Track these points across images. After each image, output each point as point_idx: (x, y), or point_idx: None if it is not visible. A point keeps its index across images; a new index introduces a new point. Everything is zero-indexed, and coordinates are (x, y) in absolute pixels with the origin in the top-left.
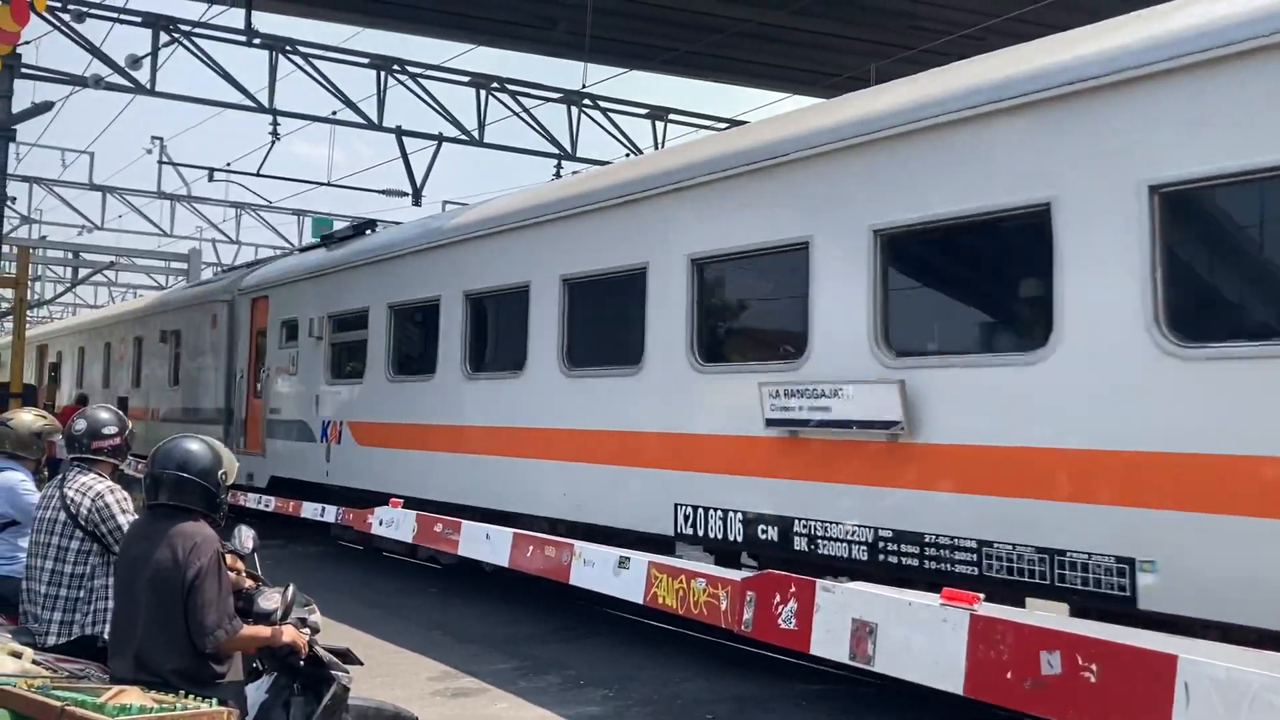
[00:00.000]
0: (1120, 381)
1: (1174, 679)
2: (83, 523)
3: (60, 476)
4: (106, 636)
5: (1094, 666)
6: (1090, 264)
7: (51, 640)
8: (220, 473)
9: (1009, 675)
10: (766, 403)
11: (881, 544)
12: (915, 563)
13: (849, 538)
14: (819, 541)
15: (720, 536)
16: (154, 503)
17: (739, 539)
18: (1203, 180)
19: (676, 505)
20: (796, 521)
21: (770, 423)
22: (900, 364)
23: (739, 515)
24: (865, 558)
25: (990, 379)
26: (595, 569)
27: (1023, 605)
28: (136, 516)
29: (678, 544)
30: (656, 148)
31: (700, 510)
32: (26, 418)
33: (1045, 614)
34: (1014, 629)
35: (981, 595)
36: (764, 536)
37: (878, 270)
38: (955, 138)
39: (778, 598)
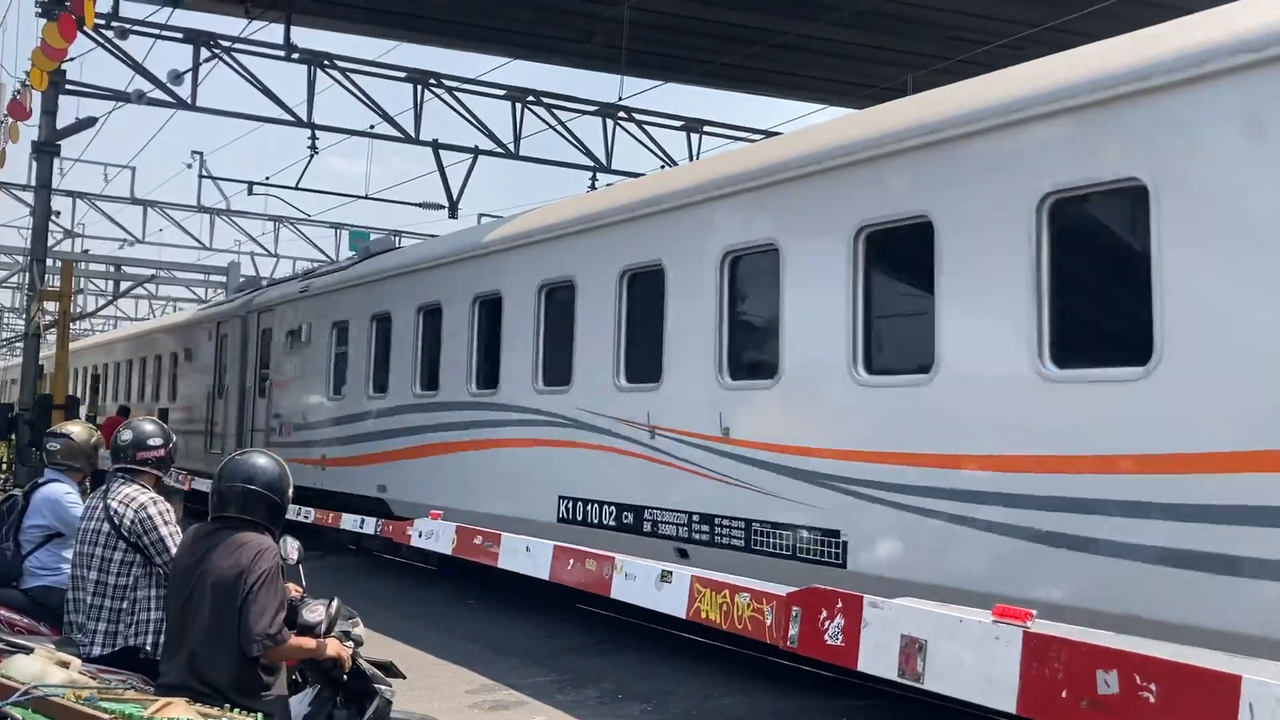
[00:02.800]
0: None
1: (1238, 699)
2: (126, 534)
3: (104, 487)
4: (149, 648)
5: (1153, 686)
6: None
7: (96, 650)
8: (288, 489)
9: (1064, 694)
10: None
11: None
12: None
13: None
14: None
15: None
16: (220, 515)
17: None
18: None
19: None
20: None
21: None
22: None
23: None
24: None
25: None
26: (637, 583)
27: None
28: (179, 529)
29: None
30: (691, 159)
31: None
32: (81, 431)
33: (1102, 632)
34: (1069, 647)
35: (1034, 612)
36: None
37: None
38: None
39: (824, 613)
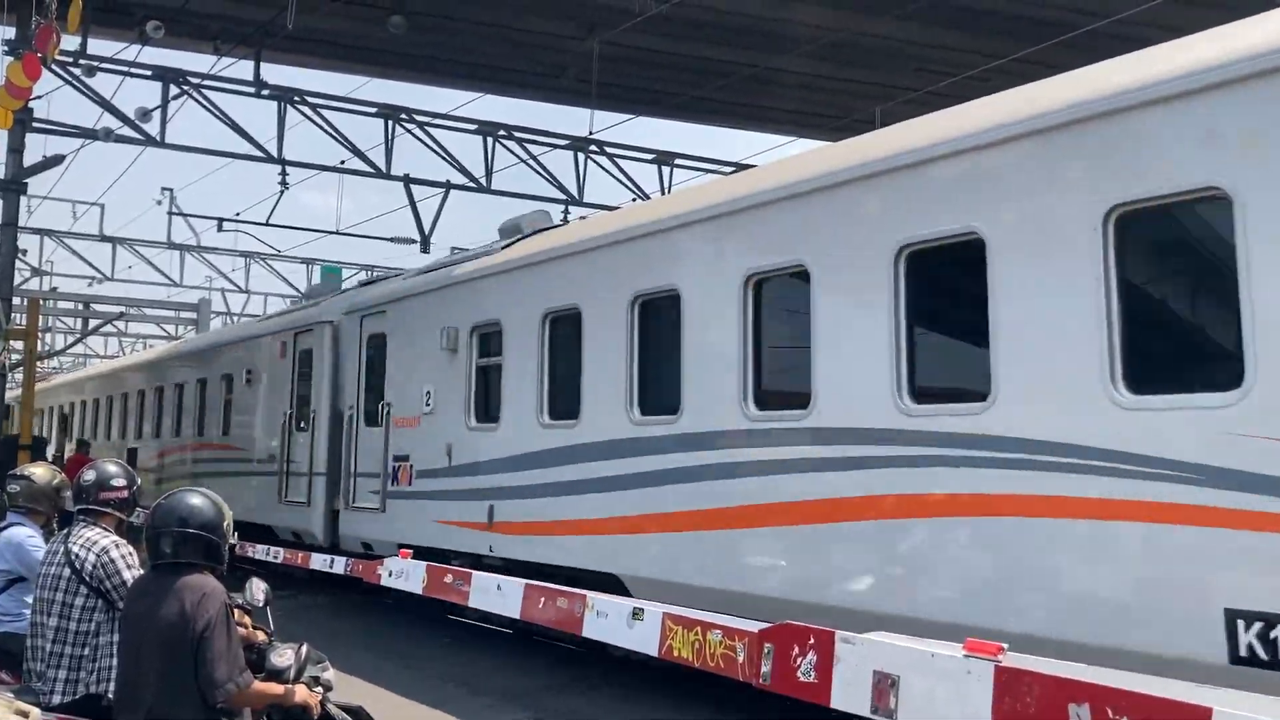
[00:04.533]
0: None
1: None
2: (87, 579)
3: (65, 531)
4: (111, 695)
5: (1125, 719)
6: None
7: (56, 699)
8: (224, 525)
9: None
10: None
11: None
12: None
13: None
14: None
15: None
16: (158, 561)
17: None
18: None
19: None
20: None
21: None
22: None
23: None
24: None
25: None
26: (609, 620)
27: None
28: (143, 572)
29: None
30: (663, 192)
31: None
32: (43, 472)
33: (1073, 664)
34: (1040, 680)
35: (1005, 645)
36: None
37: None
38: None
39: (796, 650)
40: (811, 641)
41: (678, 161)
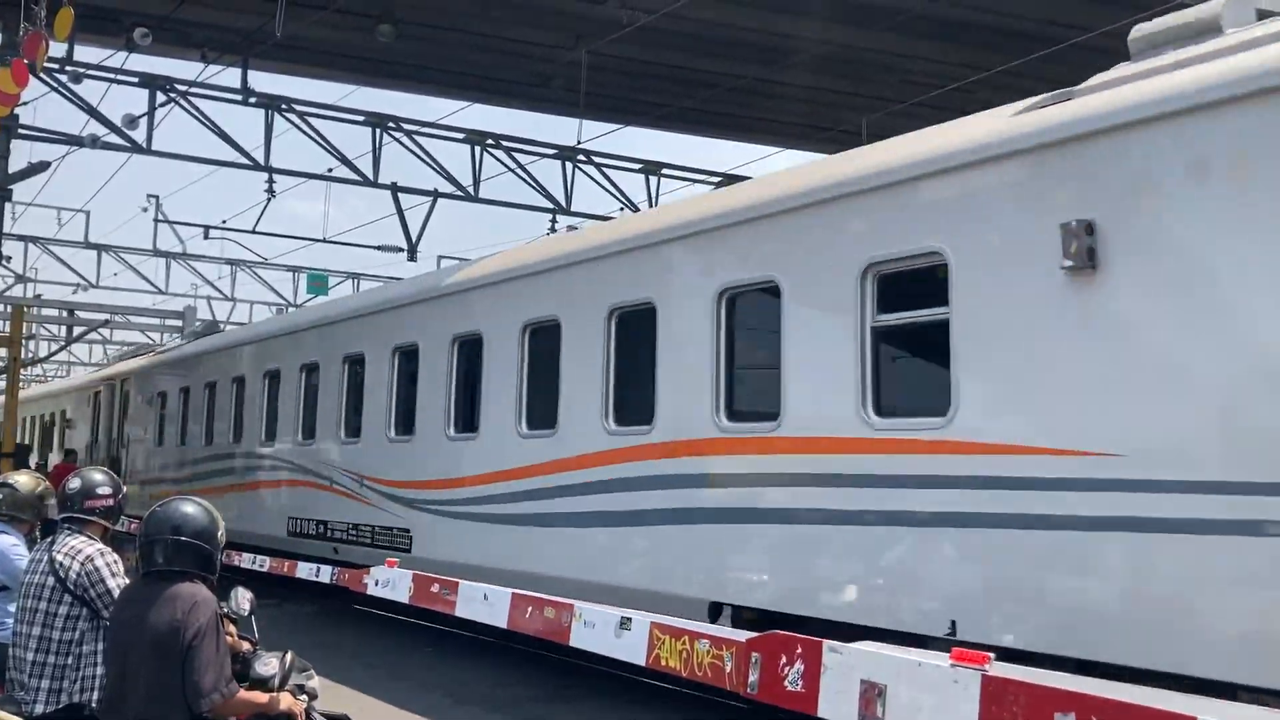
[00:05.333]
0: None
1: None
2: (71, 587)
3: (49, 540)
4: (94, 705)
5: None
6: None
7: (39, 709)
8: (217, 534)
9: None
10: None
11: None
12: None
13: None
14: None
15: None
16: (149, 569)
17: None
18: None
19: None
20: None
21: None
22: None
23: None
24: None
25: None
26: (596, 630)
27: None
28: (127, 580)
29: None
30: (651, 202)
31: None
32: (27, 480)
33: (1058, 674)
34: (1026, 690)
35: (992, 655)
36: None
37: None
38: None
39: (784, 659)
40: (799, 651)
41: (665, 172)
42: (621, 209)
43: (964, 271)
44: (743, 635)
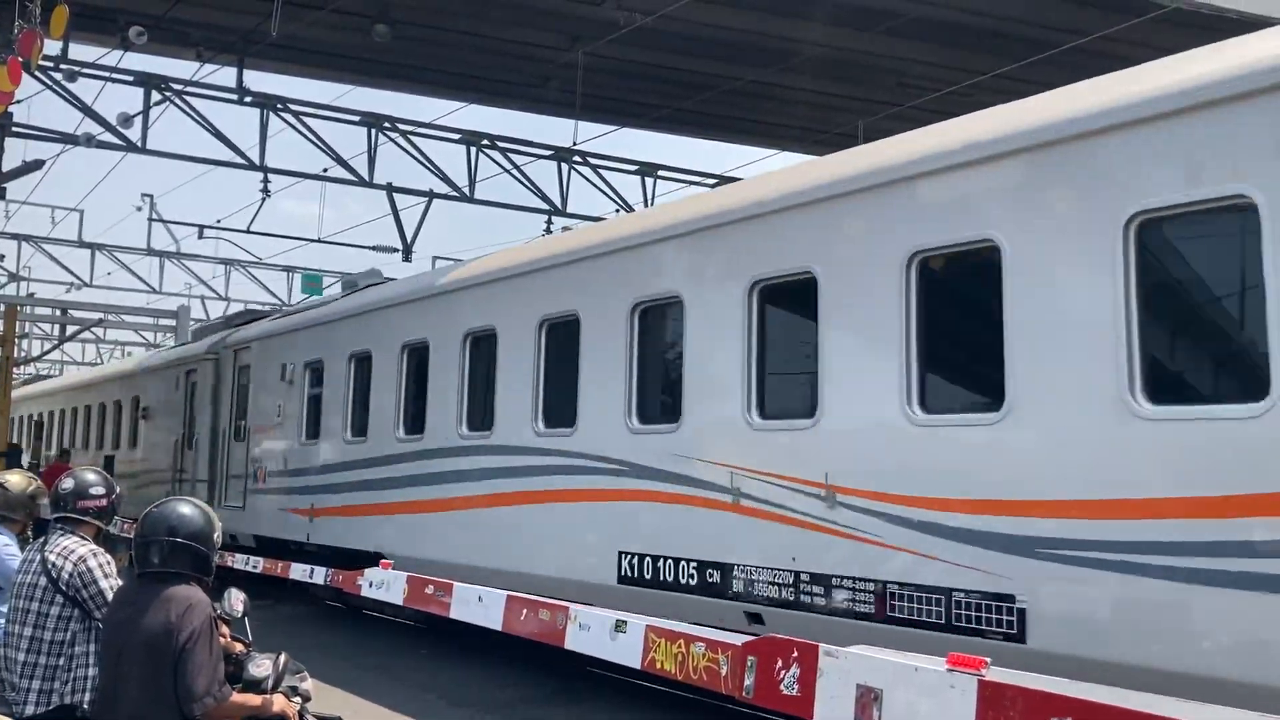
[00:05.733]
0: None
1: None
2: (64, 588)
3: (42, 540)
4: (86, 706)
5: None
6: None
7: (30, 710)
8: (214, 536)
9: None
10: None
11: None
12: None
13: None
14: None
15: None
16: (145, 570)
17: None
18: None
19: None
20: None
21: None
22: None
23: None
24: None
25: None
26: (591, 633)
27: None
28: (120, 581)
29: None
30: (646, 203)
31: None
32: (18, 480)
33: (1056, 679)
34: (1024, 694)
35: (988, 660)
36: None
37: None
38: None
39: (779, 663)
40: (795, 655)
41: (660, 173)
42: (617, 210)
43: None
44: (739, 638)
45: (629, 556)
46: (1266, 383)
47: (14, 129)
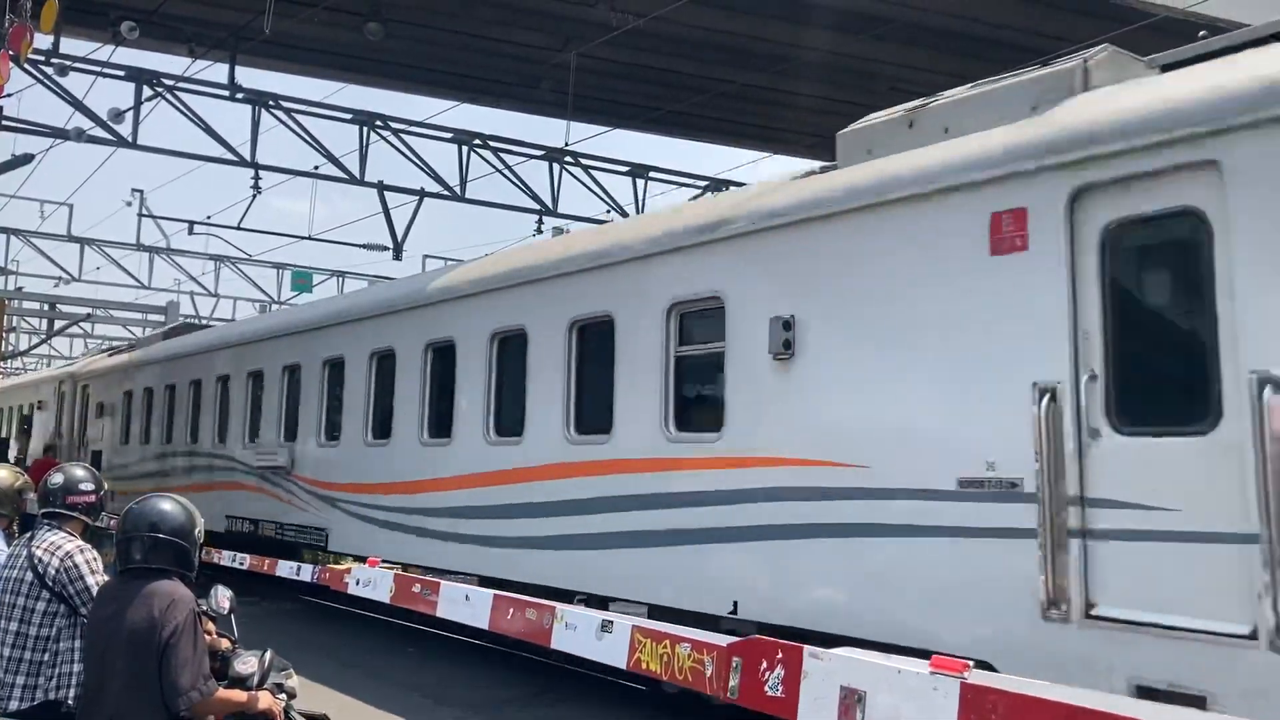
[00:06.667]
0: None
1: None
2: (50, 583)
3: (29, 535)
4: (71, 702)
5: None
6: None
7: (14, 705)
8: (195, 531)
9: None
10: None
11: None
12: None
13: None
14: None
15: None
16: (127, 566)
17: None
18: None
19: None
20: None
21: None
22: None
23: None
24: None
25: None
26: (578, 633)
27: None
28: (107, 577)
29: None
30: (637, 204)
31: None
32: (5, 475)
33: (1037, 682)
34: (1005, 698)
35: (970, 662)
36: None
37: None
38: None
39: (764, 664)
40: (779, 656)
41: (652, 175)
42: (608, 211)
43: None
44: (724, 640)
45: None
46: None
47: (3, 122)
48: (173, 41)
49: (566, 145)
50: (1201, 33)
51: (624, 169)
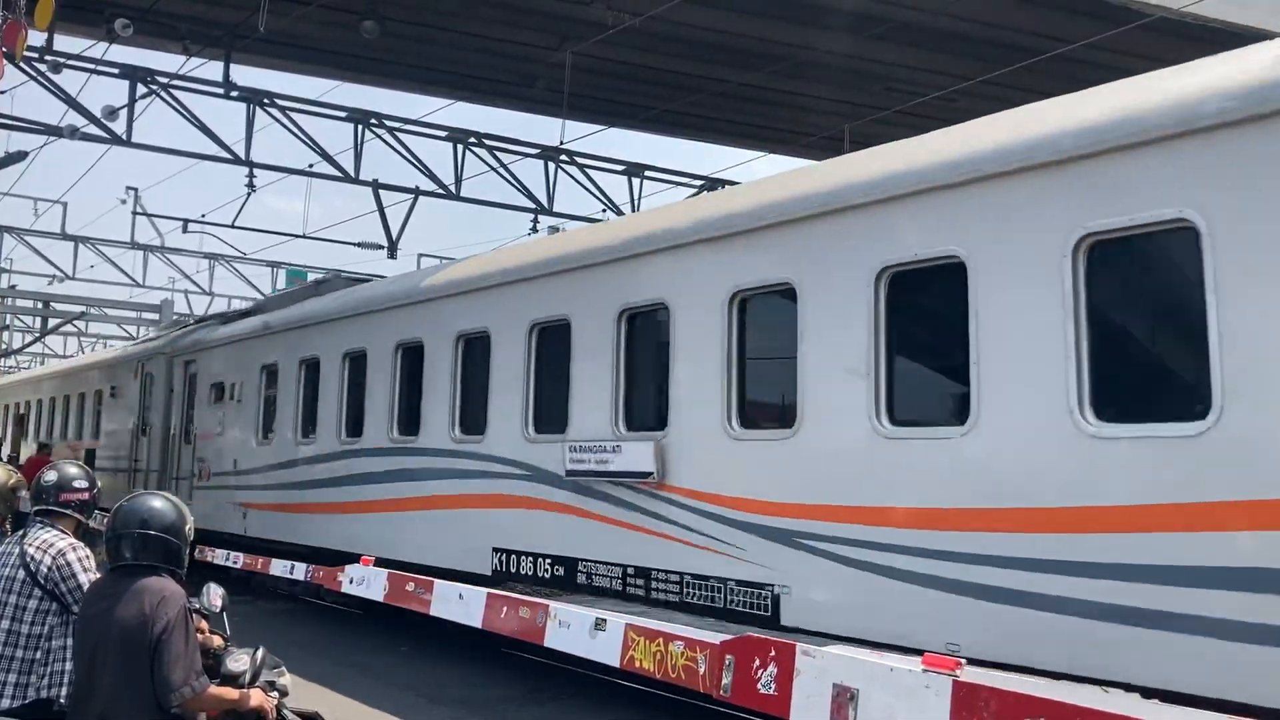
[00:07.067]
0: None
1: None
2: (42, 581)
3: (21, 532)
4: (63, 700)
5: None
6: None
7: (5, 703)
8: (185, 529)
9: None
10: None
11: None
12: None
13: None
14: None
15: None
16: (118, 564)
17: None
18: None
19: None
20: None
21: None
22: None
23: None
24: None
25: None
26: (571, 630)
27: None
28: (99, 575)
29: None
30: (632, 203)
31: None
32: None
33: (1029, 679)
34: (997, 695)
35: (963, 661)
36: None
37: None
38: None
39: (757, 662)
40: (772, 654)
41: (647, 174)
42: (603, 210)
43: None
44: (717, 638)
45: None
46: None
47: None
48: (167, 39)
49: (562, 144)
50: None
51: (620, 168)
